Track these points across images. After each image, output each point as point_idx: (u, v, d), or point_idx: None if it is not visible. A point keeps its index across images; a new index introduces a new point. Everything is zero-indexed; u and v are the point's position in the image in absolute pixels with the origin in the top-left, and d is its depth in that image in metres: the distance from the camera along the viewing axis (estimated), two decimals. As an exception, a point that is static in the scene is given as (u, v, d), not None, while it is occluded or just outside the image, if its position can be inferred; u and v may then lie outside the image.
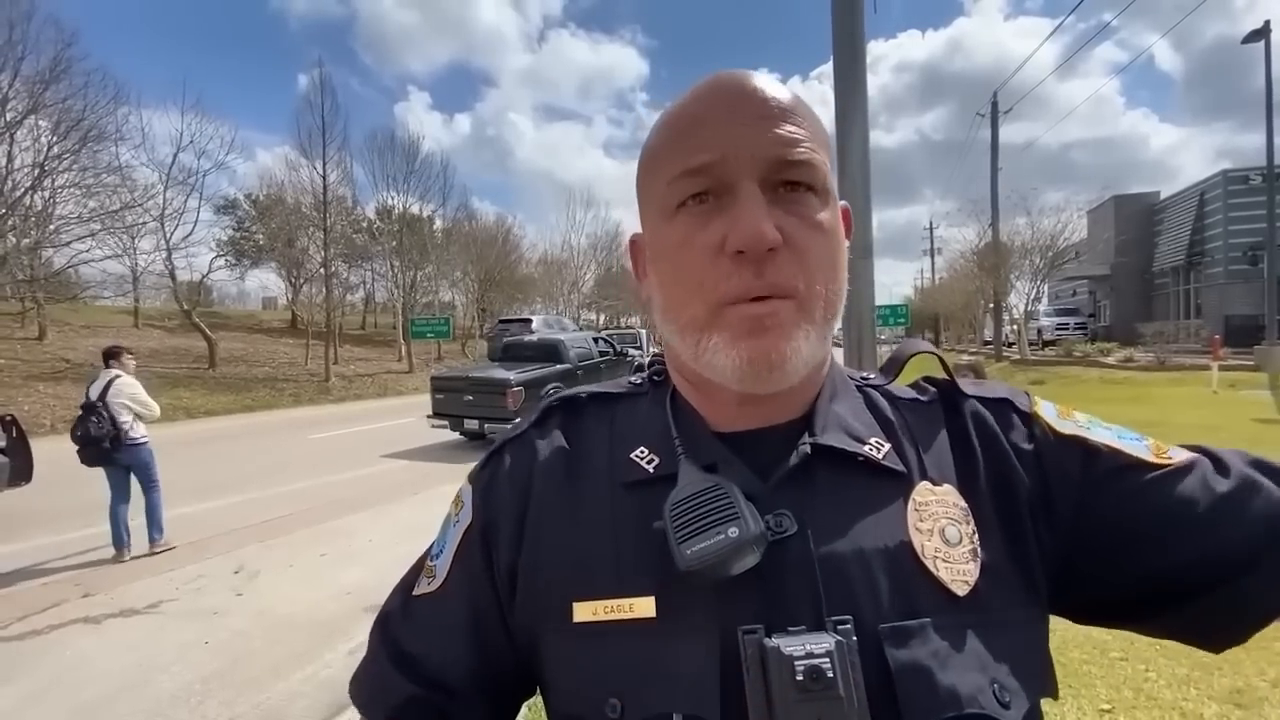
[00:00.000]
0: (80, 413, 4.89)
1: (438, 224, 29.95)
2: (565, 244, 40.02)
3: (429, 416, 10.10)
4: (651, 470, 0.49)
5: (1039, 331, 27.40)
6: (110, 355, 5.20)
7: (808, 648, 0.39)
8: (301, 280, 23.63)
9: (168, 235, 17.77)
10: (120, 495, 4.97)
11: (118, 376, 5.03)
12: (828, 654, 0.39)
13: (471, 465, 0.60)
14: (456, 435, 10.28)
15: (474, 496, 0.55)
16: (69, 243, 15.42)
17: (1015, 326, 25.31)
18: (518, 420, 0.60)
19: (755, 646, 0.40)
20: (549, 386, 10.04)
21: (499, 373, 10.07)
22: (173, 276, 18.47)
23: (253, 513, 6.09)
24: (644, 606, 0.44)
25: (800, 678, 0.38)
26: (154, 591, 4.27)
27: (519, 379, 9.59)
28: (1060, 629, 3.32)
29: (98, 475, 4.98)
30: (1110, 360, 17.46)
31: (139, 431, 5.02)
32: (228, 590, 4.30)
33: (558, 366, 10.62)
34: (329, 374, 19.28)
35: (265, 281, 40.42)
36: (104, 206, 16.00)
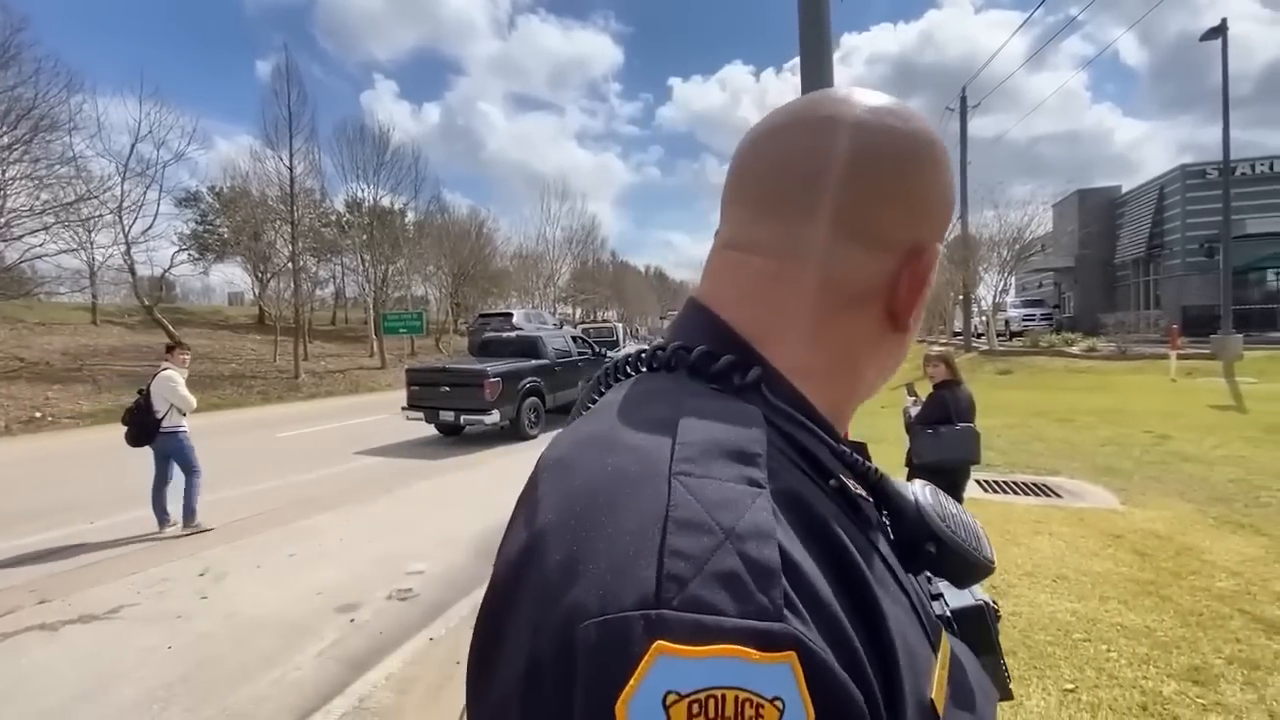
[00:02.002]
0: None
1: (409, 217, 29.50)
2: (540, 237, 39.78)
3: (404, 408, 10.04)
4: (871, 498, 0.43)
5: (1007, 323, 28.00)
6: (166, 349, 5.82)
7: (978, 589, 0.49)
8: (269, 275, 23.10)
9: (126, 228, 17.18)
10: (160, 475, 5.48)
11: (165, 369, 5.52)
12: (982, 589, 0.49)
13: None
14: (431, 431, 10.18)
15: (814, 668, 0.27)
16: (21, 236, 14.86)
17: (984, 318, 25.82)
18: (728, 485, 0.32)
19: (985, 608, 0.49)
20: (525, 380, 10.04)
21: (476, 363, 10.07)
22: (132, 271, 17.87)
23: (219, 513, 5.92)
24: (948, 642, 0.41)
25: (1000, 614, 0.49)
26: (114, 596, 4.13)
27: (496, 370, 9.56)
28: (1025, 613, 3.38)
29: (55, 479, 4.81)
30: (1074, 350, 17.91)
31: (173, 421, 5.48)
32: (192, 593, 4.18)
33: (534, 361, 10.62)
34: (298, 370, 18.89)
35: (231, 276, 39.51)
36: (58, 199, 15.47)
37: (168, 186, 19.15)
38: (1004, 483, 5.90)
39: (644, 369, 0.46)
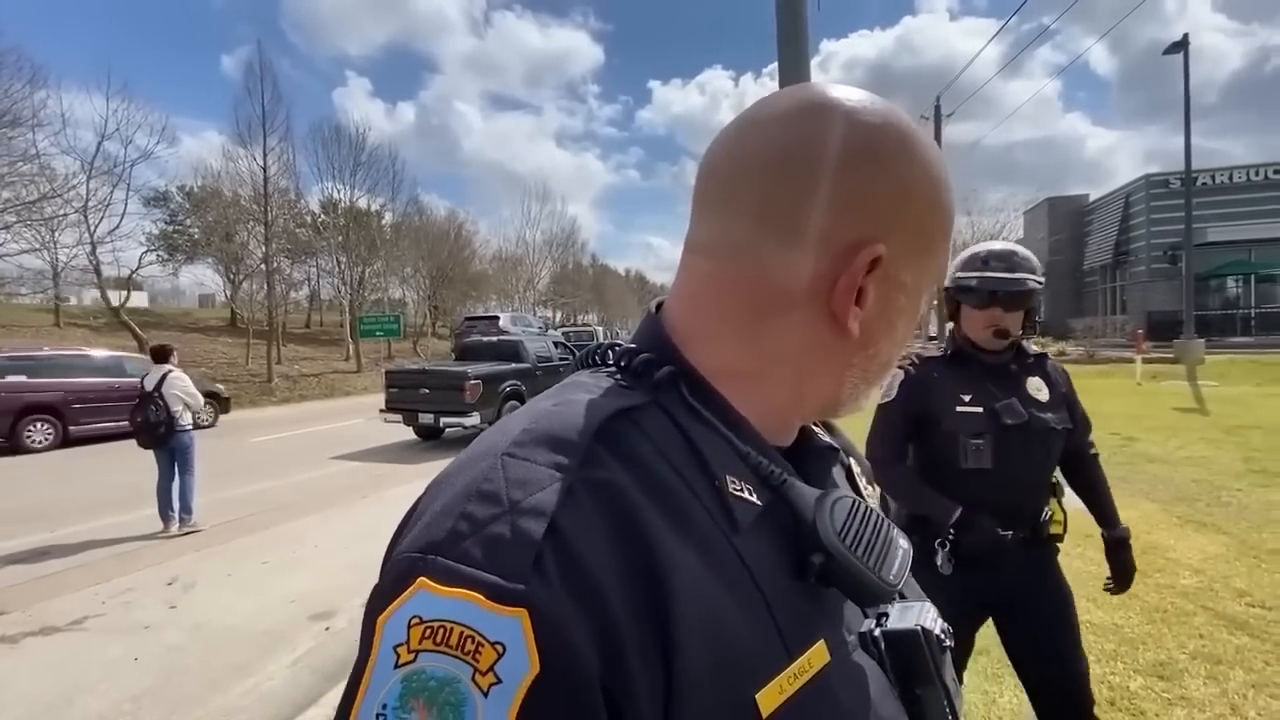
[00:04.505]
0: (137, 401, 5.47)
1: (387, 218, 29.13)
2: (520, 240, 39.60)
3: (383, 410, 9.94)
4: (760, 502, 0.41)
5: (980, 327, 28.52)
6: (162, 354, 5.76)
7: (928, 616, 0.43)
8: (241, 276, 22.66)
9: (91, 228, 16.75)
10: (166, 475, 5.51)
11: (170, 371, 5.53)
12: (935, 616, 0.44)
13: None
14: (408, 436, 10.07)
15: (545, 628, 0.31)
16: (-20, 236, 14.40)
17: (958, 322, 26.27)
18: (538, 467, 0.36)
19: (919, 634, 0.43)
20: (506, 383, 9.99)
21: (457, 366, 10.03)
22: (98, 272, 17.41)
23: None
24: (819, 655, 0.39)
25: (947, 644, 0.43)
26: (78, 607, 4.01)
27: (477, 371, 9.53)
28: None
29: (15, 487, 4.66)
30: (1045, 354, 18.36)
31: (186, 420, 5.55)
32: (160, 603, 4.07)
33: (516, 365, 10.60)
34: (271, 374, 18.55)
35: (201, 278, 38.51)
36: (20, 197, 15.04)
37: (135, 185, 18.73)
38: (977, 484, 5.99)
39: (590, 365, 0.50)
